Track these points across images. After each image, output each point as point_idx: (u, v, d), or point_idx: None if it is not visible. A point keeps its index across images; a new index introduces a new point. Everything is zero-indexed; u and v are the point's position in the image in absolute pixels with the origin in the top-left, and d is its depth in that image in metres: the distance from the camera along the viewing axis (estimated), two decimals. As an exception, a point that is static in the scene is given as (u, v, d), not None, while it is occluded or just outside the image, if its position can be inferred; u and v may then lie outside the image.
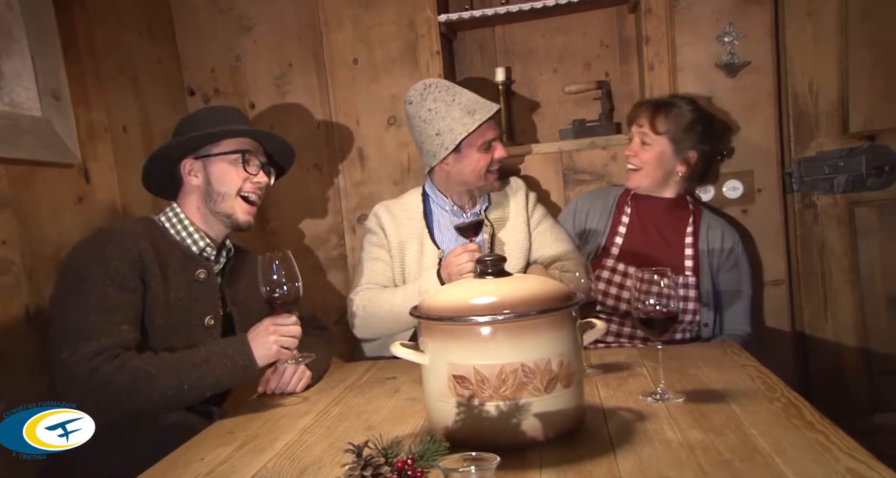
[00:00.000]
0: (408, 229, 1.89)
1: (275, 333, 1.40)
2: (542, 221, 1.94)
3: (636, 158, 1.92)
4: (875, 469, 0.84)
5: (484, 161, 1.82)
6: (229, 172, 1.58)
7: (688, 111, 1.91)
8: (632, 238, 1.96)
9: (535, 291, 1.11)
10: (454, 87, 1.86)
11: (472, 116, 1.79)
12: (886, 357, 2.04)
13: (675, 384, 1.31)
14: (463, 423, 1.07)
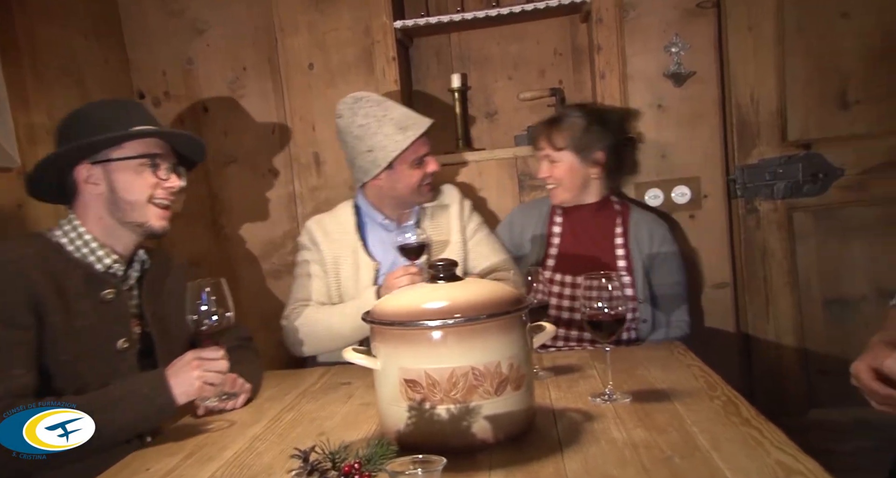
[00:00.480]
0: (341, 244, 1.87)
1: (199, 368, 1.27)
2: (478, 231, 1.96)
3: (549, 177, 1.96)
4: (801, 461, 0.89)
5: (417, 176, 1.84)
6: (137, 179, 1.42)
7: (578, 118, 1.94)
8: (565, 247, 1.99)
9: (486, 295, 1.12)
10: (385, 102, 1.86)
11: (405, 133, 1.80)
12: (822, 357, 2.13)
13: (623, 385, 1.34)
14: (414, 426, 1.08)
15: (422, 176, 1.85)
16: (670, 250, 1.97)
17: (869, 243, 2.10)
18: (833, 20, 2.05)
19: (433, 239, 1.89)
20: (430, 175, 1.87)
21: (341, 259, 1.86)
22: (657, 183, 2.20)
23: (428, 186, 1.89)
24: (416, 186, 1.85)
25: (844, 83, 2.07)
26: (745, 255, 2.18)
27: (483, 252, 1.93)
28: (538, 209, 2.08)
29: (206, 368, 1.28)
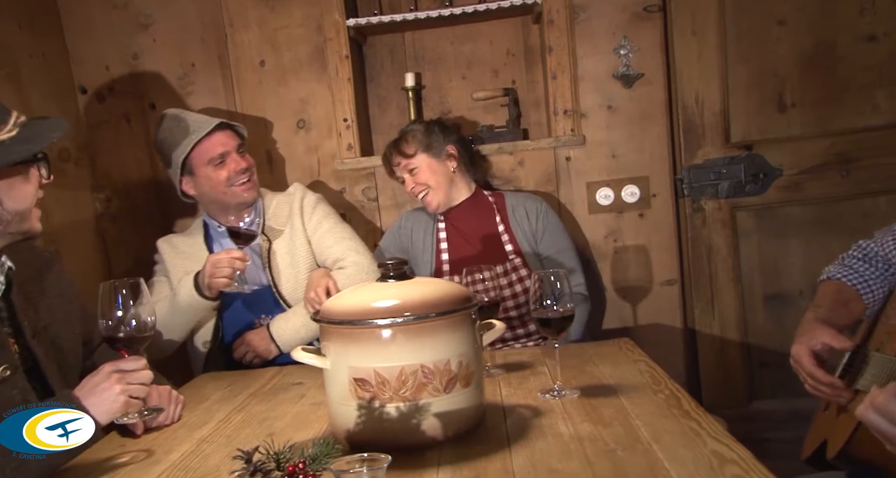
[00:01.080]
0: (189, 257, 1.90)
1: (120, 381, 1.12)
2: (322, 223, 1.94)
3: (417, 186, 1.99)
4: (735, 450, 0.93)
5: (219, 176, 1.84)
6: (24, 188, 1.22)
7: (417, 125, 2.04)
8: (455, 251, 2.02)
9: (435, 293, 1.13)
10: (181, 114, 1.90)
11: (189, 137, 1.83)
12: (763, 350, 2.22)
13: (573, 381, 1.37)
14: (364, 425, 1.08)
15: (227, 174, 1.84)
16: (550, 221, 2.02)
17: (805, 241, 2.19)
18: (770, 27, 2.14)
19: (273, 235, 1.92)
20: (238, 173, 1.85)
21: (190, 271, 1.83)
22: (608, 182, 2.25)
23: (244, 185, 1.87)
24: (223, 185, 1.85)
25: (781, 87, 2.16)
26: (691, 252, 2.25)
27: (327, 243, 1.92)
28: (424, 216, 2.11)
29: (129, 380, 1.13)
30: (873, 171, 2.13)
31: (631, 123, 2.23)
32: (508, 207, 2.04)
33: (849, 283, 1.31)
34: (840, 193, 2.16)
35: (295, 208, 1.96)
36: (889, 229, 1.31)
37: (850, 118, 2.14)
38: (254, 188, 1.91)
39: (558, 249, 2.00)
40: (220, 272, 1.68)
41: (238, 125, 1.95)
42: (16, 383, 1.19)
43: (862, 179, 2.14)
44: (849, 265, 1.35)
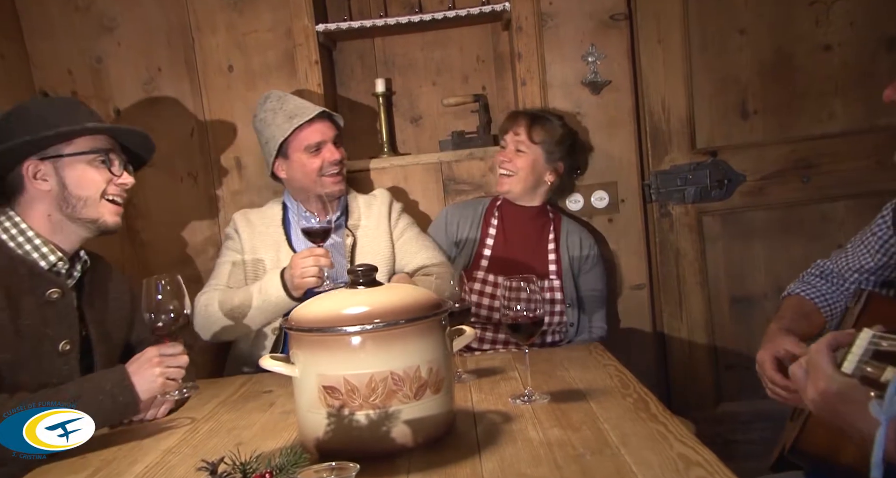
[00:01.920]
0: (264, 237, 1.90)
1: (160, 364, 1.28)
2: (407, 230, 1.99)
3: (511, 163, 2.00)
4: (700, 453, 0.95)
5: (313, 164, 1.86)
6: (90, 174, 1.42)
7: (559, 126, 2.05)
8: (499, 248, 2.04)
9: (405, 300, 1.13)
10: (286, 97, 1.92)
11: (291, 121, 1.85)
12: (730, 352, 2.26)
13: (543, 385, 1.38)
14: (333, 433, 1.07)
15: (320, 163, 1.86)
16: (596, 259, 2.07)
17: (768, 245, 2.24)
18: (732, 36, 2.19)
19: (359, 236, 1.92)
20: (331, 163, 1.88)
21: (262, 251, 1.88)
22: (578, 188, 2.27)
23: (334, 176, 1.89)
24: (314, 173, 1.86)
25: (744, 94, 2.21)
26: (660, 257, 2.29)
27: (412, 250, 1.95)
28: (473, 210, 2.11)
29: (168, 363, 1.28)
30: (831, 176, 2.19)
31: (599, 129, 2.25)
32: (563, 230, 2.07)
33: (808, 297, 1.38)
34: (801, 198, 2.22)
35: (383, 211, 1.97)
36: (842, 250, 1.38)
37: (808, 125, 2.20)
38: (343, 182, 1.92)
39: (593, 288, 2.05)
40: (308, 272, 1.66)
41: (338, 116, 1.96)
42: (69, 360, 1.37)
43: (821, 184, 2.20)
44: (807, 282, 1.43)
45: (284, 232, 1.92)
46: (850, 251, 1.36)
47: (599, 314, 2.06)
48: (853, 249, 1.35)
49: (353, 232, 1.93)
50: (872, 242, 1.29)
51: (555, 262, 2.02)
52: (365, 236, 1.93)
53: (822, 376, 0.85)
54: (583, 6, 2.20)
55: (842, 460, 1.00)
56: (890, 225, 1.25)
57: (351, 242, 1.91)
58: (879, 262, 1.28)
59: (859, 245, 1.33)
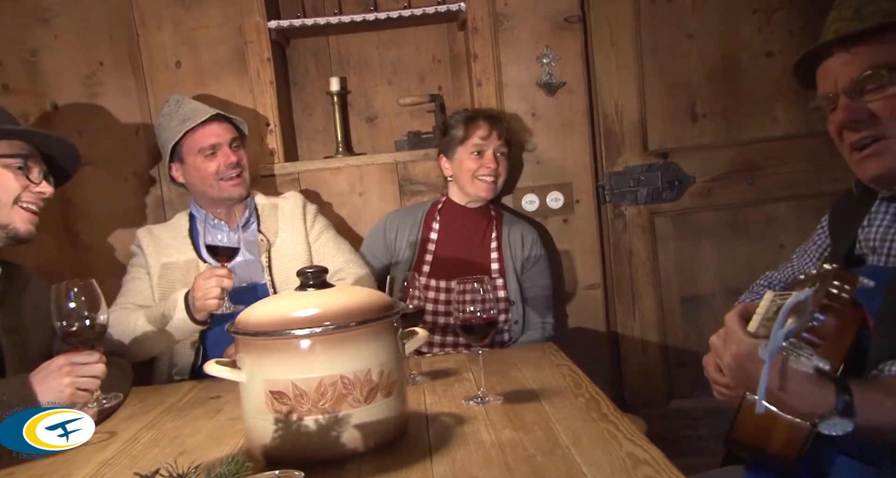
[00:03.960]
0: (171, 250, 1.85)
1: (70, 374, 1.21)
2: (324, 233, 1.96)
3: (494, 169, 1.99)
4: (648, 451, 0.96)
5: (209, 168, 1.82)
6: (5, 179, 1.37)
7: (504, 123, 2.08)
8: (442, 250, 2.03)
9: (356, 301, 1.11)
10: (183, 100, 1.89)
11: (184, 124, 1.82)
12: (681, 350, 2.31)
13: (497, 387, 1.37)
14: (281, 439, 1.04)
15: (216, 167, 1.82)
16: (540, 255, 2.07)
17: (717, 245, 2.30)
18: (681, 41, 2.24)
19: (273, 241, 1.88)
20: (228, 166, 1.83)
21: (171, 265, 1.82)
22: (533, 189, 2.28)
23: (232, 179, 1.84)
24: (211, 177, 1.82)
25: (693, 98, 2.26)
26: (613, 257, 2.32)
27: (329, 253, 1.92)
28: (413, 215, 2.09)
29: (80, 373, 1.22)
30: (774, 179, 2.26)
31: (554, 130, 2.27)
32: (505, 228, 2.05)
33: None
34: (746, 199, 2.28)
35: (297, 213, 1.94)
36: (789, 261, 1.41)
37: (753, 129, 2.27)
38: (243, 185, 1.87)
39: (538, 284, 2.04)
40: (210, 294, 1.58)
41: (237, 119, 1.92)
42: None
43: (765, 186, 2.27)
44: (755, 292, 1.45)
45: (192, 242, 1.87)
46: (795, 262, 1.39)
47: (547, 311, 2.05)
48: (798, 260, 1.38)
49: (266, 236, 1.88)
50: (813, 251, 1.32)
51: (497, 260, 2.01)
52: (279, 239, 1.89)
53: (733, 339, 0.91)
54: (537, 8, 2.21)
55: (771, 447, 1.02)
56: (827, 234, 1.28)
57: (266, 246, 1.87)
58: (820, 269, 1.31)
59: (803, 255, 1.36)
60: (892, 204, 1.08)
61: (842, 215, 1.22)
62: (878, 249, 1.07)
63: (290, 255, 1.87)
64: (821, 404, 0.84)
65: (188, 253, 1.85)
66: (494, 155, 1.99)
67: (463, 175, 2.00)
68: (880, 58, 1.01)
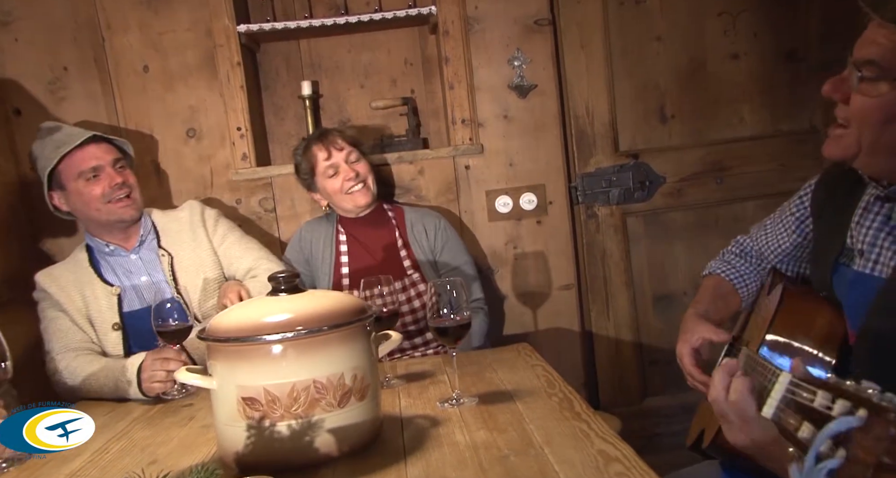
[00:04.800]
0: (75, 285, 1.76)
1: None
2: (228, 236, 1.91)
3: (356, 176, 1.97)
4: (619, 448, 0.97)
5: (93, 191, 1.74)
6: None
7: (347, 130, 2.10)
8: (355, 260, 2.02)
9: (328, 306, 1.11)
10: (56, 127, 1.81)
11: (58, 150, 1.74)
12: (653, 349, 2.34)
13: (472, 388, 1.38)
14: (254, 446, 1.04)
15: (101, 191, 1.74)
16: (448, 236, 2.06)
17: (687, 244, 2.34)
18: (649, 43, 2.28)
19: (175, 252, 1.83)
20: (114, 188, 1.75)
21: (80, 298, 1.74)
22: (506, 190, 2.30)
23: (122, 201, 1.76)
24: (97, 201, 1.74)
25: (662, 100, 2.30)
26: (587, 257, 2.34)
27: (236, 254, 1.88)
28: (326, 225, 2.08)
29: None
30: (742, 178, 2.31)
31: (526, 132, 2.29)
32: (407, 222, 2.05)
33: (726, 278, 1.39)
34: (716, 198, 2.32)
35: (196, 221, 1.88)
36: (762, 225, 1.39)
37: (721, 130, 2.31)
38: (133, 206, 1.79)
39: (456, 264, 2.03)
40: (154, 377, 1.52)
41: (118, 139, 1.85)
42: None
43: (733, 185, 2.31)
44: (727, 261, 1.43)
45: (95, 271, 1.79)
46: (769, 228, 1.36)
47: (473, 285, 2.02)
48: (773, 228, 1.34)
49: (167, 250, 1.83)
50: (790, 222, 1.29)
51: (408, 257, 2.01)
52: (182, 251, 1.84)
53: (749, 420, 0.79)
54: (508, 11, 2.23)
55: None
56: (808, 205, 1.24)
57: (168, 261, 1.81)
58: (795, 242, 1.29)
59: (778, 224, 1.33)
60: (885, 204, 1.03)
61: (829, 196, 1.16)
62: (866, 254, 1.03)
63: (193, 266, 1.82)
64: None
65: (91, 280, 1.76)
66: (348, 163, 1.98)
67: (335, 197, 2.00)
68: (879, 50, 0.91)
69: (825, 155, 1.02)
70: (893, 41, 0.88)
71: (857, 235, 1.06)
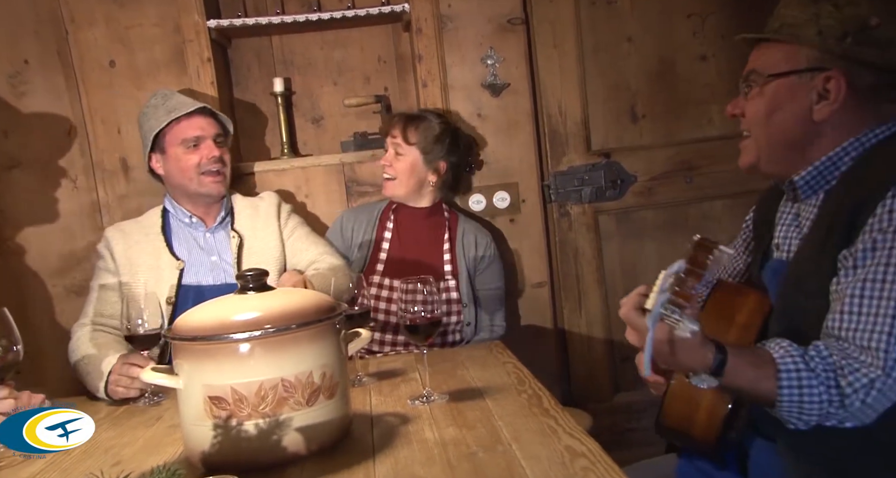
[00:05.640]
0: (142, 246, 1.80)
1: None
2: (297, 229, 1.95)
3: (391, 167, 2.01)
4: (585, 444, 0.98)
5: (190, 160, 1.79)
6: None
7: (437, 124, 2.03)
8: (395, 250, 2.03)
9: (297, 304, 1.10)
10: (171, 94, 1.88)
11: (169, 114, 1.80)
12: (625, 346, 2.31)
13: (443, 385, 1.38)
14: (221, 445, 1.03)
15: (198, 160, 1.79)
16: (493, 257, 2.09)
17: (658, 242, 2.36)
18: (621, 44, 2.30)
19: (246, 237, 1.87)
20: (210, 161, 1.80)
21: (139, 261, 1.78)
22: (480, 188, 2.30)
23: (213, 175, 1.81)
24: (191, 170, 1.79)
25: (633, 99, 2.32)
26: (559, 255, 2.35)
27: (301, 247, 1.92)
28: (368, 213, 2.09)
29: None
30: (711, 178, 2.34)
31: (500, 131, 2.29)
32: (459, 230, 2.06)
33: None
34: (685, 197, 2.35)
35: (272, 211, 1.93)
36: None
37: (690, 130, 2.34)
38: (223, 182, 1.84)
39: (491, 287, 2.06)
40: (119, 381, 1.48)
41: (224, 116, 1.90)
42: None
43: (702, 185, 2.34)
44: None
45: (165, 238, 1.83)
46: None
47: (499, 313, 2.08)
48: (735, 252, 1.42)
49: (239, 233, 1.87)
50: (740, 245, 1.38)
51: (450, 262, 2.03)
52: (253, 237, 1.87)
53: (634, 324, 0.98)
54: (481, 10, 2.23)
55: (694, 431, 1.07)
56: (751, 227, 1.34)
57: (237, 243, 1.85)
58: (746, 262, 1.37)
59: (734, 248, 1.41)
60: (794, 204, 1.16)
61: (764, 211, 1.28)
62: (781, 246, 1.17)
63: (261, 252, 1.85)
64: (700, 361, 0.94)
65: (160, 248, 1.80)
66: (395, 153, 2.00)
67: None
68: (756, 62, 1.14)
69: (740, 166, 1.19)
70: (764, 54, 1.14)
71: (777, 233, 1.19)
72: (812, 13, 1.07)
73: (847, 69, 1.05)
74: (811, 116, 1.08)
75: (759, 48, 1.16)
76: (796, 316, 1.06)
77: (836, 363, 0.94)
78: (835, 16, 1.05)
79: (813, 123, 1.08)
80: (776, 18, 1.14)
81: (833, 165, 1.08)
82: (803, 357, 0.96)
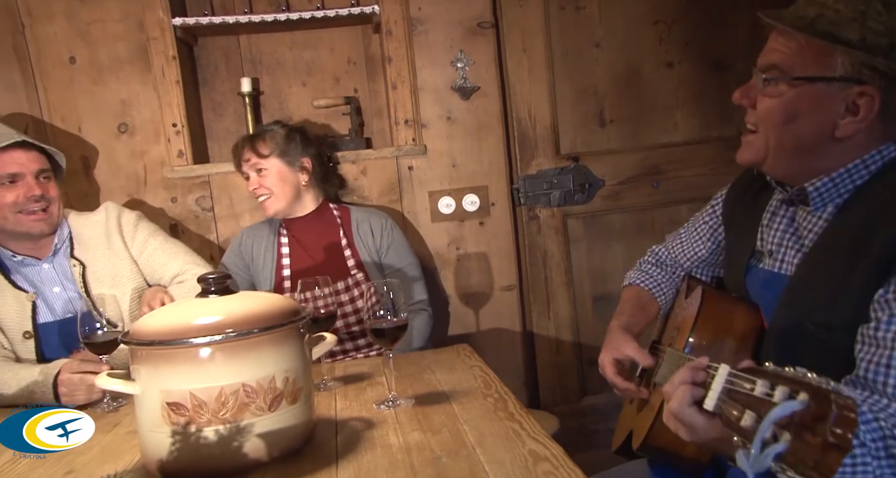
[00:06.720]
0: None
1: None
2: (150, 241, 1.82)
3: (261, 187, 1.95)
4: (549, 448, 0.98)
5: (4, 198, 1.62)
6: None
7: (279, 129, 2.01)
8: (297, 264, 1.99)
9: (259, 308, 1.08)
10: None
11: None
12: (593, 348, 2.38)
13: (409, 389, 1.37)
14: (179, 453, 1.00)
15: (15, 197, 1.63)
16: (394, 237, 2.05)
17: (625, 246, 2.39)
18: (589, 49, 2.32)
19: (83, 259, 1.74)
20: (29, 200, 1.64)
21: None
22: (449, 192, 2.30)
23: (34, 215, 1.65)
24: (6, 208, 1.62)
25: (601, 104, 2.35)
26: (528, 258, 2.36)
27: (160, 261, 1.81)
28: (267, 229, 2.05)
29: None
30: (676, 182, 2.38)
31: (469, 134, 2.30)
32: (353, 222, 2.03)
33: (645, 287, 1.45)
34: (652, 201, 2.38)
35: (112, 227, 1.78)
36: (676, 235, 1.45)
37: (656, 135, 2.38)
38: (47, 221, 1.67)
39: (401, 265, 2.02)
40: (76, 390, 1.43)
41: (53, 150, 1.73)
42: None
43: (668, 189, 2.38)
44: (645, 271, 1.48)
45: (4, 275, 1.67)
46: (683, 237, 1.41)
47: (416, 286, 2.03)
48: (687, 238, 1.40)
49: (80, 261, 1.73)
50: (704, 231, 1.35)
51: (352, 256, 1.99)
52: (96, 262, 1.73)
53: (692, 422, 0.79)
54: (451, 13, 2.23)
55: (686, 452, 1.08)
56: (720, 215, 1.30)
57: (80, 271, 1.71)
58: (710, 249, 1.34)
59: (693, 233, 1.38)
60: (790, 208, 1.07)
61: (738, 203, 1.21)
62: (774, 254, 1.08)
63: (108, 276, 1.73)
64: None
65: (3, 289, 1.65)
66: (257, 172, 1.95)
67: None
68: (780, 54, 0.98)
69: (738, 161, 1.08)
70: (790, 46, 0.97)
71: (766, 237, 1.11)
72: (858, 11, 0.92)
73: (886, 87, 0.92)
74: (833, 132, 0.95)
75: (784, 34, 0.98)
76: (797, 342, 0.96)
77: (885, 430, 0.79)
78: (883, 20, 0.91)
79: (833, 137, 0.96)
80: (813, 4, 0.96)
81: (850, 177, 0.97)
82: None
